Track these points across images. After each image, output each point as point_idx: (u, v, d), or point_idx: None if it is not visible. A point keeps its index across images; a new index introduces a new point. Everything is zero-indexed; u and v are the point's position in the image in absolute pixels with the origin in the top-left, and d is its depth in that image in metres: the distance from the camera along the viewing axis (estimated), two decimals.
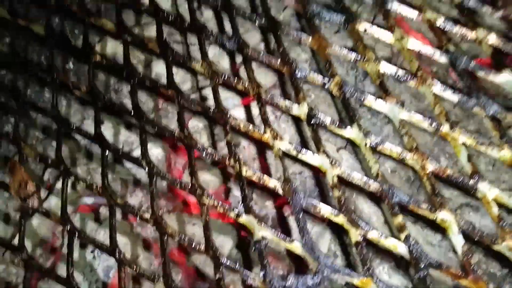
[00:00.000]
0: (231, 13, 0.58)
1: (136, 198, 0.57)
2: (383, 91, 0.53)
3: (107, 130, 0.58)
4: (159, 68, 0.62)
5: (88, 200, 0.58)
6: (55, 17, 0.62)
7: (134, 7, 0.62)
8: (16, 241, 0.53)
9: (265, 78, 0.62)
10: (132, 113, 0.55)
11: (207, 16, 0.63)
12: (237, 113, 0.61)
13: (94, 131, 0.54)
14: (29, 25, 0.63)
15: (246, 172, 0.51)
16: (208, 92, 0.60)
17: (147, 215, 0.51)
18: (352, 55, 0.55)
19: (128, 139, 0.59)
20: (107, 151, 0.53)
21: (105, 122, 0.59)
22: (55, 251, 0.56)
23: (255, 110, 0.61)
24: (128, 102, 0.58)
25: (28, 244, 0.54)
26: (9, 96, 0.58)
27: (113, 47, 0.62)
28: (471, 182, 0.48)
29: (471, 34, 0.55)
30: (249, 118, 0.61)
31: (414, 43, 0.55)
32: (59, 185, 0.55)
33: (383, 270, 0.52)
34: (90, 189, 0.53)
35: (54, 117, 0.56)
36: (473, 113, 0.52)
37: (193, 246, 0.49)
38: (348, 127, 0.52)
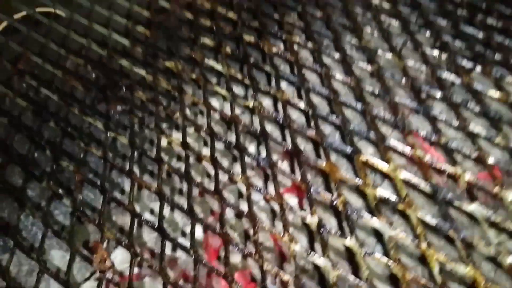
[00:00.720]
0: (266, 140, 0.78)
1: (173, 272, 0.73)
2: (377, 211, 0.69)
3: (166, 222, 0.76)
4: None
5: (135, 270, 0.74)
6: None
7: (195, 129, 0.84)
8: None
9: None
10: (187, 211, 0.74)
11: (248, 140, 0.83)
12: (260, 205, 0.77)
13: (157, 224, 0.73)
14: (116, 136, 0.85)
15: (267, 266, 0.67)
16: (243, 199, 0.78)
17: None
18: (355, 180, 0.72)
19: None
20: (166, 240, 0.72)
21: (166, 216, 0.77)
22: None
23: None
24: (184, 202, 0.76)
25: None
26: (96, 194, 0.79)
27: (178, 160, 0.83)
28: None
29: (451, 170, 0.71)
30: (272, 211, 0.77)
31: (405, 174, 0.71)
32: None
33: None
34: (151, 268, 0.70)
35: (130, 211, 0.75)
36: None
37: None
38: (348, 237, 0.67)
